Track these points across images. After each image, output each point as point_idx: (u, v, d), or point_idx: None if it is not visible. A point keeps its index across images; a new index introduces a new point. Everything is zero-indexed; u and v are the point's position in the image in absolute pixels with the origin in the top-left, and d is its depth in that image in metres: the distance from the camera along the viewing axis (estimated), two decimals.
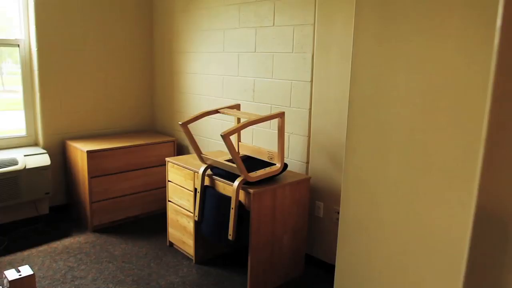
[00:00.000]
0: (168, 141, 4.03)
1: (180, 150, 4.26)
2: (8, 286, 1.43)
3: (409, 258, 1.71)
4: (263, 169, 2.73)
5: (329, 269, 3.08)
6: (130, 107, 4.41)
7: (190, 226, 3.13)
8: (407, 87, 1.63)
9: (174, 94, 4.28)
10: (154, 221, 3.98)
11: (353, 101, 1.76)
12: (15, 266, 3.08)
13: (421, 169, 1.64)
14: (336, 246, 2.99)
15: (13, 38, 3.76)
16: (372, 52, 1.69)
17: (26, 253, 3.29)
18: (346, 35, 2.74)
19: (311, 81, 2.99)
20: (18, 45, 3.79)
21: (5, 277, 1.45)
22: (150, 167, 3.94)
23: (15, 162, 3.49)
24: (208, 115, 2.89)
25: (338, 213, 2.95)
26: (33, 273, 1.41)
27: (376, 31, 1.67)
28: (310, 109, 3.03)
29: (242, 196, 2.67)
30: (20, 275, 1.45)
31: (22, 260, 3.17)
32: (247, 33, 3.39)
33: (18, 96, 3.92)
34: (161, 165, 4.02)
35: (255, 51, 3.34)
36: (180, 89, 4.19)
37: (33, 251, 3.33)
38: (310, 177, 2.96)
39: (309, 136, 3.07)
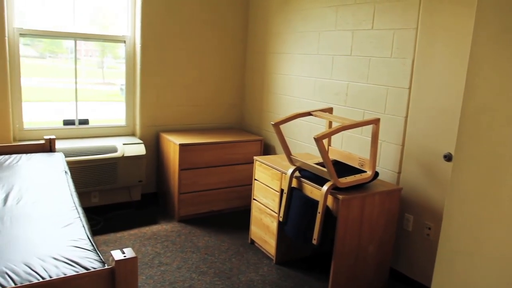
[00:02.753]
0: (256, 140, 4.09)
1: (267, 150, 4.30)
2: (113, 265, 1.53)
3: None
4: (353, 176, 2.66)
5: (414, 286, 2.93)
6: (220, 104, 4.54)
7: (274, 226, 3.14)
8: None
9: (264, 94, 4.33)
10: (236, 217, 4.06)
11: (466, 114, 1.64)
12: (109, 245, 3.31)
13: None
14: (425, 263, 2.83)
15: (121, 34, 4.04)
16: (492, 67, 1.57)
17: (118, 234, 3.52)
18: (452, 42, 2.57)
19: (409, 87, 2.86)
20: (124, 41, 4.06)
21: (111, 255, 1.55)
22: (236, 164, 4.03)
23: (114, 150, 3.75)
24: (300, 117, 2.88)
25: (430, 228, 2.79)
26: (136, 256, 1.50)
27: (499, 46, 1.55)
28: (406, 117, 2.89)
29: (330, 201, 2.63)
30: (124, 256, 1.54)
31: (115, 241, 3.39)
32: (344, 35, 3.32)
33: (115, 88, 4.23)
34: (247, 163, 4.08)
35: (350, 54, 3.27)
36: (271, 89, 4.23)
37: (125, 233, 3.55)
38: (401, 188, 2.83)
39: (402, 145, 2.94)
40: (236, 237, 3.61)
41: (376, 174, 2.74)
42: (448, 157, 2.63)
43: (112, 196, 3.92)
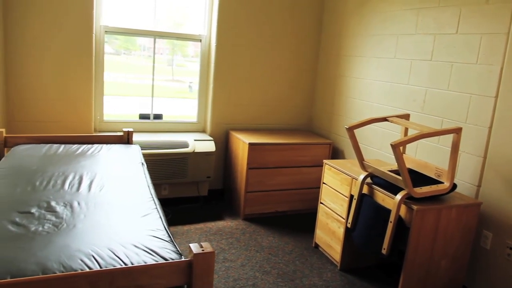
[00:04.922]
0: (324, 143, 4.04)
1: (335, 154, 4.23)
2: (191, 257, 1.57)
3: None
4: (429, 186, 2.54)
5: None
6: (290, 105, 4.54)
7: (340, 231, 3.08)
8: None
9: (335, 97, 4.27)
10: (300, 219, 4.04)
11: None
12: (176, 237, 3.42)
13: None
14: (503, 285, 2.65)
15: (197, 33, 4.16)
16: None
17: (185, 228, 3.63)
18: None
19: (496, 96, 2.68)
20: (200, 40, 4.18)
21: (189, 248, 1.60)
22: (303, 166, 4.00)
23: (186, 145, 3.87)
24: (375, 122, 2.80)
25: (511, 248, 2.60)
26: (214, 251, 1.53)
27: None
28: (491, 127, 2.72)
29: (402, 211, 2.53)
30: (202, 250, 1.58)
31: (182, 234, 3.50)
32: (424, 39, 3.19)
33: (184, 85, 4.37)
34: (314, 166, 4.04)
35: (431, 60, 3.13)
36: (342, 92, 4.16)
37: (191, 227, 3.65)
38: (481, 203, 2.67)
39: (484, 157, 2.77)
40: (300, 239, 3.59)
41: (454, 186, 2.61)
42: None
43: (181, 189, 4.04)
